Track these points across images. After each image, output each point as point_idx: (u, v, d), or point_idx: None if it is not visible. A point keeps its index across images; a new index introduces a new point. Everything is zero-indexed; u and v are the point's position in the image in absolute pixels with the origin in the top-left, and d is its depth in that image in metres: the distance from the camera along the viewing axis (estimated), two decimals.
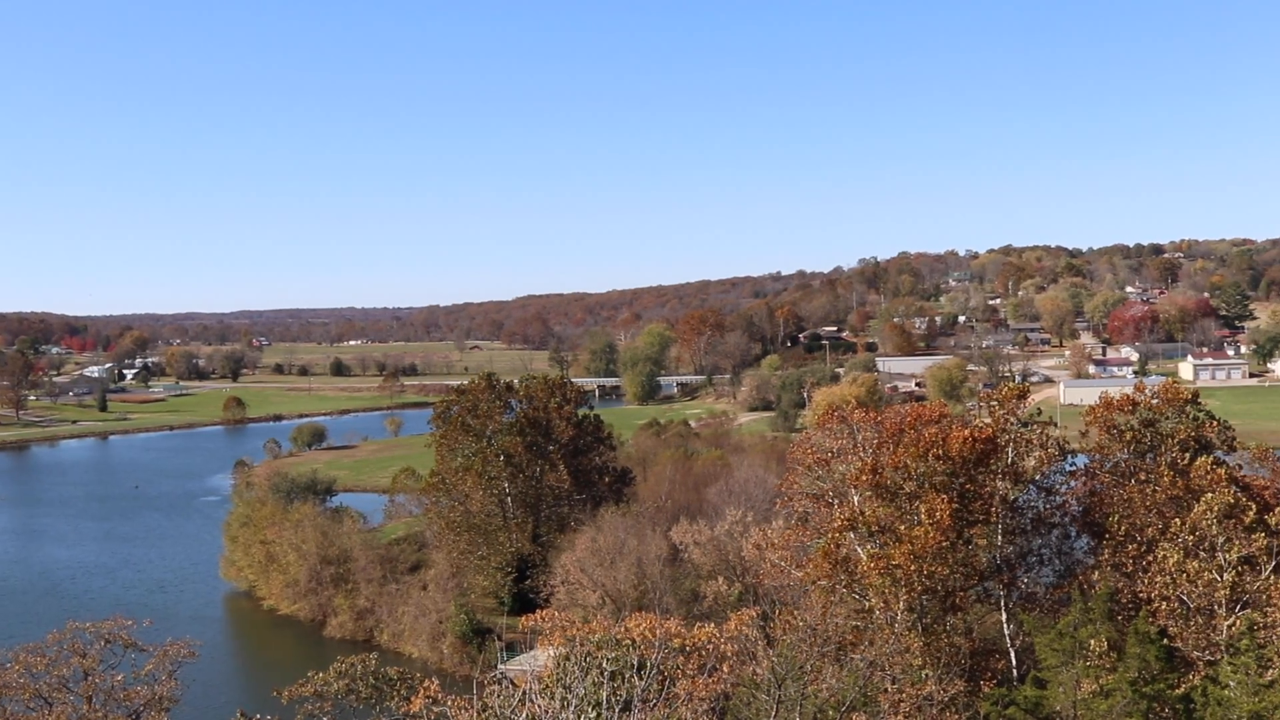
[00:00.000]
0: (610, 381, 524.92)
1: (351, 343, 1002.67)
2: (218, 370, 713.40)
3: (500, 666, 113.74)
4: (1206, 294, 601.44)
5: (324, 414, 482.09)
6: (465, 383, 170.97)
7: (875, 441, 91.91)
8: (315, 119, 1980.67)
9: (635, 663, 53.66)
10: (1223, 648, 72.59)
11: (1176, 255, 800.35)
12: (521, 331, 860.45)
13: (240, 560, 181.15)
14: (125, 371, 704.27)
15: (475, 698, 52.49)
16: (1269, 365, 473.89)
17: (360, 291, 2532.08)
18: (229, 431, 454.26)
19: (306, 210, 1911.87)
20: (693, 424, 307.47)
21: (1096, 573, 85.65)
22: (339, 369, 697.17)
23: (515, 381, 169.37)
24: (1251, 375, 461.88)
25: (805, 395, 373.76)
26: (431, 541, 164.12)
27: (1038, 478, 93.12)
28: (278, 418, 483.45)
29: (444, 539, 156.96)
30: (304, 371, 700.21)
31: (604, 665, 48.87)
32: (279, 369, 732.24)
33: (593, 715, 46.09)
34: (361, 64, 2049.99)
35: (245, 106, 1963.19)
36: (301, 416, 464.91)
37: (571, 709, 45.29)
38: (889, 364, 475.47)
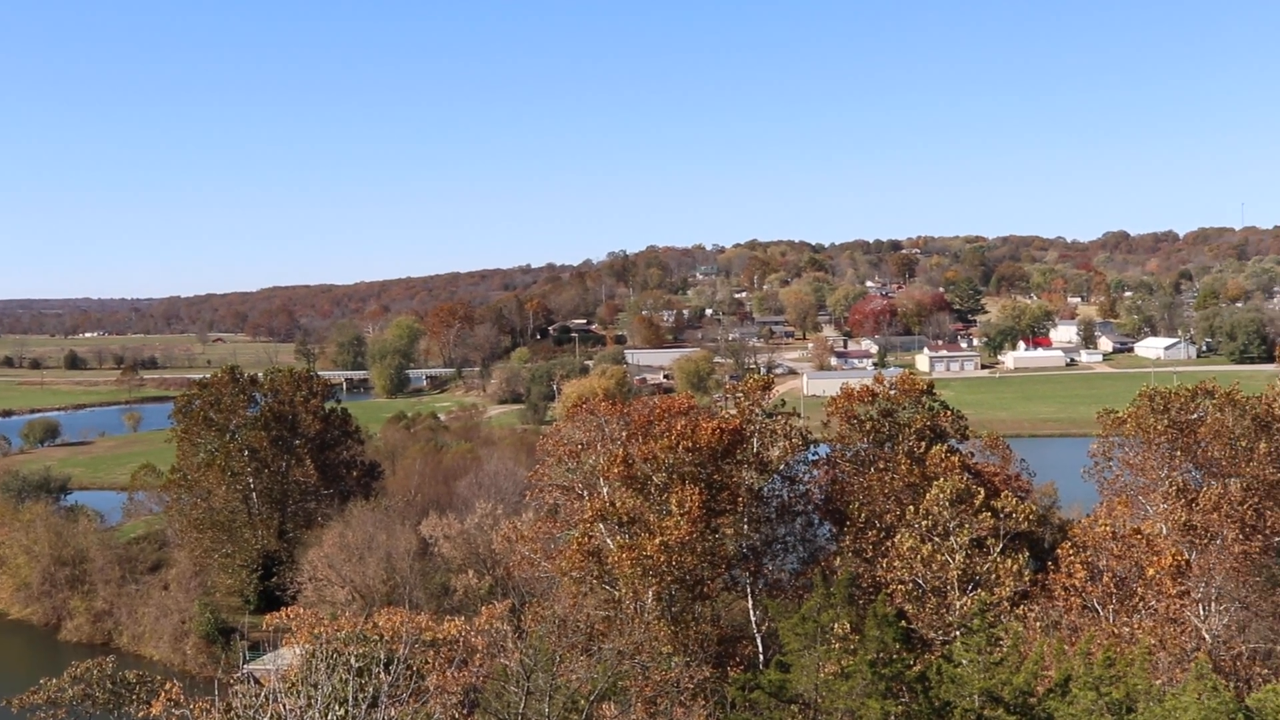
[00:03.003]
0: (358, 374, 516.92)
1: (87, 335, 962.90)
2: None
3: (246, 666, 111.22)
4: (941, 289, 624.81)
5: (58, 409, 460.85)
6: (208, 376, 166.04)
7: (625, 433, 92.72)
8: (39, 100, 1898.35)
9: (383, 658, 52.99)
10: (956, 627, 75.40)
11: (914, 251, 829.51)
12: (267, 324, 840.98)
13: None
14: None
15: (218, 699, 51.10)
16: (999, 357, 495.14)
17: (97, 282, 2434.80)
18: None
19: (36, 197, 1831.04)
20: (442, 417, 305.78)
21: (838, 558, 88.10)
22: (74, 362, 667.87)
23: (260, 375, 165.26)
24: (983, 367, 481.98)
25: (555, 388, 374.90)
26: (173, 540, 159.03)
27: (782, 467, 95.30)
28: (7, 413, 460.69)
29: (186, 537, 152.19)
30: (36, 365, 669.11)
31: (351, 661, 48.01)
32: (9, 362, 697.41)
33: (340, 713, 45.29)
34: (78, 51, 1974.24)
35: None
36: (33, 412, 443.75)
37: (318, 707, 44.44)
38: (638, 356, 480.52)
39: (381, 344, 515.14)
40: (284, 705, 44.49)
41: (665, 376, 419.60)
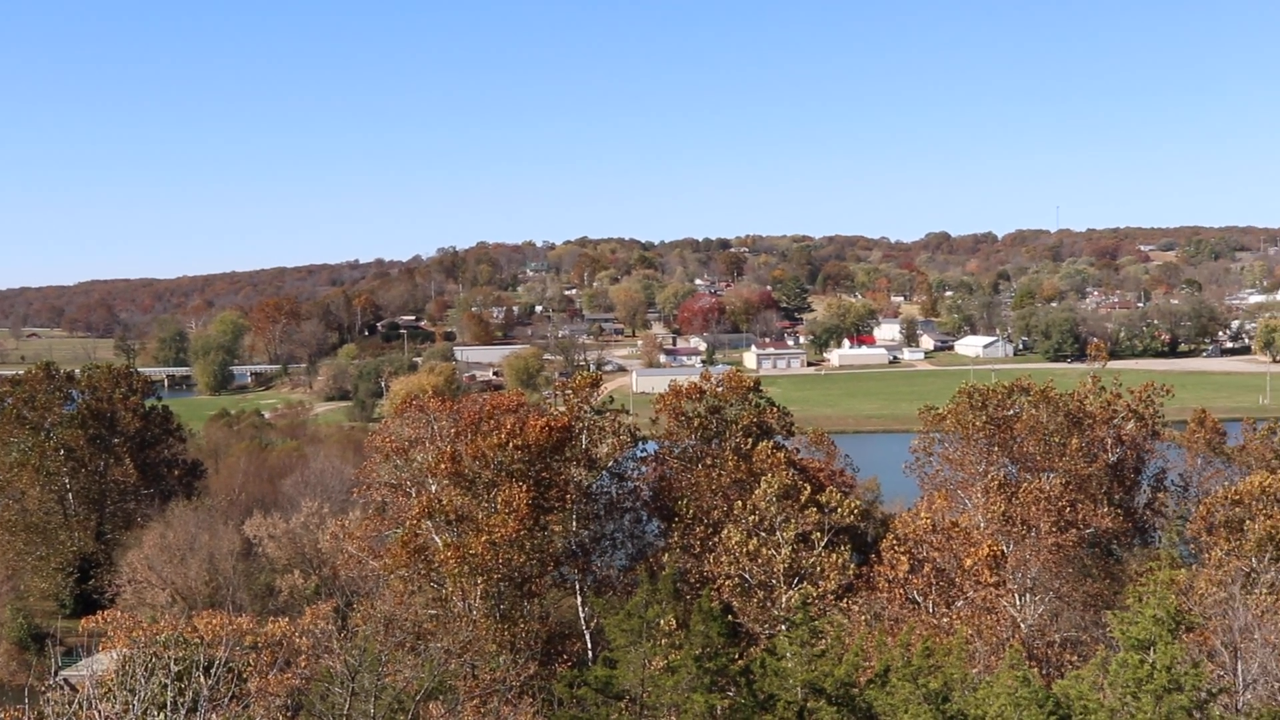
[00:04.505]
0: (181, 371, 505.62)
1: None
2: None
3: (60, 673, 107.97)
4: (769, 287, 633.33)
5: None
6: (21, 373, 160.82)
7: (454, 430, 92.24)
8: None
9: (203, 661, 51.91)
10: (781, 620, 76.45)
11: (742, 250, 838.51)
12: (84, 318, 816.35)
13: None
14: None
15: (30, 707, 49.58)
16: (825, 355, 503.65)
17: None
18: None
19: None
20: (267, 415, 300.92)
21: (666, 554, 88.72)
22: None
23: (77, 371, 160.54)
24: (809, 364, 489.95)
25: (383, 385, 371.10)
26: None
27: (611, 464, 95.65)
28: None
29: None
30: None
31: (170, 665, 46.92)
32: None
33: (158, 718, 44.26)
34: None
35: None
36: None
37: (135, 712, 43.36)
38: (467, 353, 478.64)
39: (205, 340, 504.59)
40: (99, 711, 43.30)
41: (495, 373, 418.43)
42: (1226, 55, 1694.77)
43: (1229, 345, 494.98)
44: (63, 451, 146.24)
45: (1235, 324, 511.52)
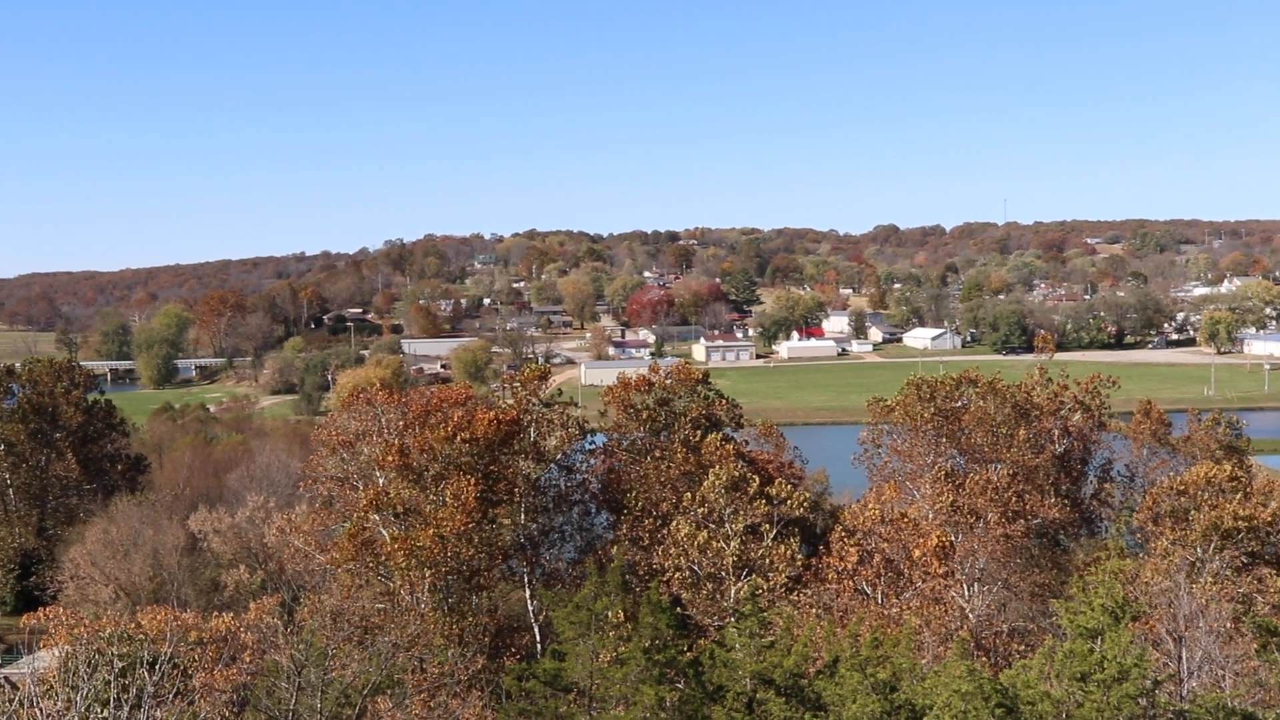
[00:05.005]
0: (124, 365, 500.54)
1: None
2: None
3: (2, 670, 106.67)
4: (718, 279, 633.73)
5: None
6: None
7: (401, 423, 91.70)
8: None
9: (148, 657, 51.30)
10: (730, 612, 76.48)
11: (691, 242, 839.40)
12: (25, 311, 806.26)
13: None
14: None
15: None
16: (774, 347, 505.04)
17: None
18: None
19: None
20: (212, 408, 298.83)
21: (615, 547, 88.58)
22: None
23: (17, 365, 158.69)
24: (758, 356, 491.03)
25: (330, 378, 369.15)
26: None
27: (560, 457, 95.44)
28: None
29: None
30: None
31: (114, 662, 46.37)
32: None
33: (102, 715, 43.71)
34: None
35: None
36: None
37: (78, 709, 42.75)
38: (415, 346, 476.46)
39: (149, 333, 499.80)
40: (41, 709, 42.66)
41: (443, 366, 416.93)
42: (1172, 51, 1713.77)
43: (1174, 337, 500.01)
44: (3, 446, 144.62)
45: (1180, 316, 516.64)
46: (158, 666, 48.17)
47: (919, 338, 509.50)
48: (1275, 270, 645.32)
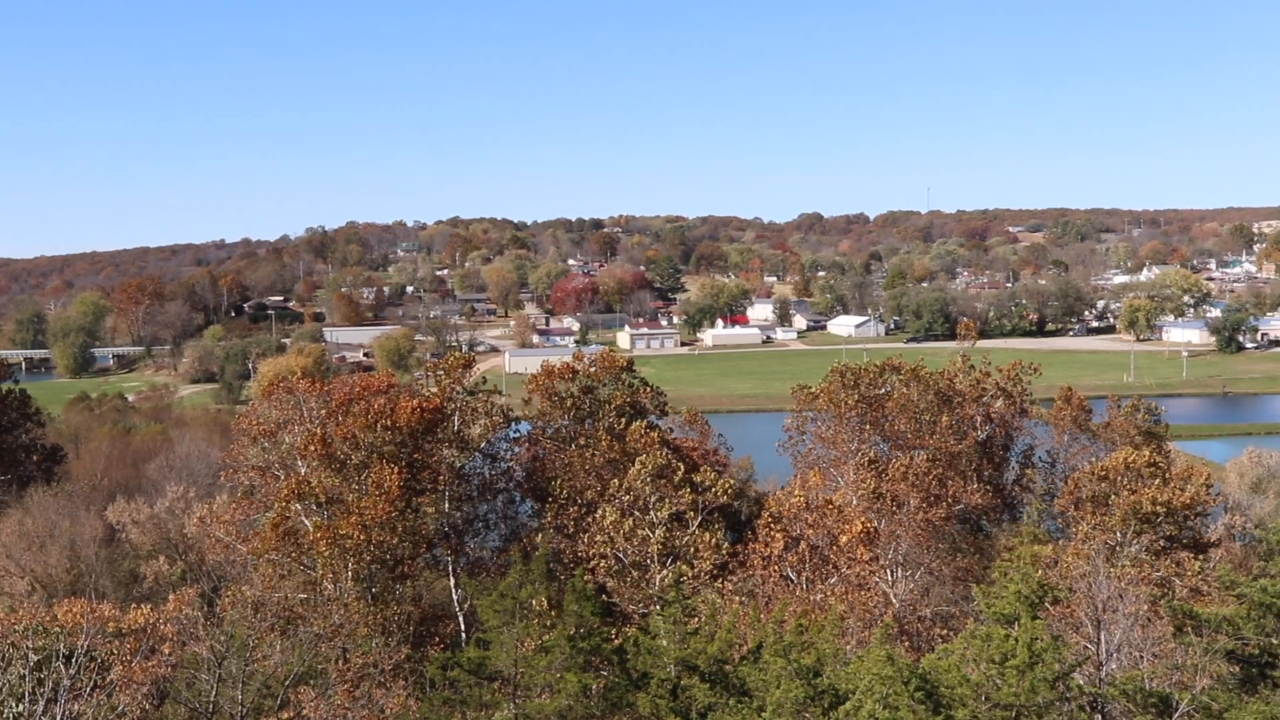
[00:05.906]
0: (39, 353, 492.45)
1: None
2: None
3: None
4: (643, 267, 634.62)
5: None
6: None
7: (323, 412, 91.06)
8: None
9: (64, 650, 50.54)
10: (655, 600, 76.60)
11: (615, 230, 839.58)
12: None
13: None
14: None
15: None
16: (699, 335, 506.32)
17: None
18: None
19: None
20: (131, 398, 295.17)
21: (540, 535, 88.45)
22: None
23: None
24: (683, 344, 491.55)
25: (251, 366, 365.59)
26: None
27: (484, 445, 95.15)
28: None
29: None
30: None
31: (29, 656, 45.61)
32: None
33: (16, 710, 43.03)
34: None
35: None
36: None
37: None
38: (337, 334, 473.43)
39: (64, 321, 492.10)
40: None
41: (365, 355, 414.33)
42: (1093, 42, 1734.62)
43: (1095, 325, 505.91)
44: None
45: (1101, 304, 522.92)
46: (74, 660, 47.43)
47: (843, 325, 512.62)
48: (1193, 259, 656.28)
